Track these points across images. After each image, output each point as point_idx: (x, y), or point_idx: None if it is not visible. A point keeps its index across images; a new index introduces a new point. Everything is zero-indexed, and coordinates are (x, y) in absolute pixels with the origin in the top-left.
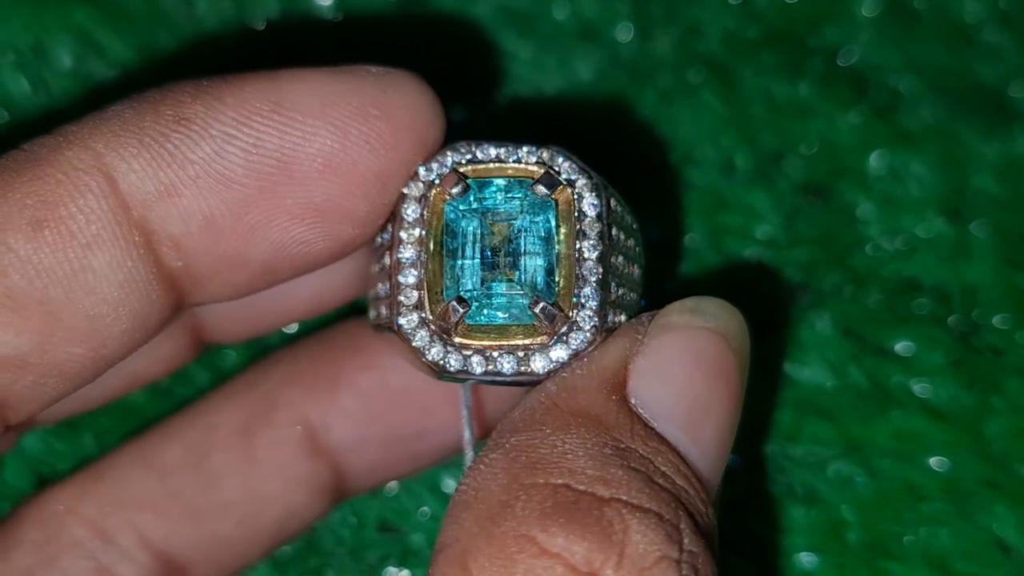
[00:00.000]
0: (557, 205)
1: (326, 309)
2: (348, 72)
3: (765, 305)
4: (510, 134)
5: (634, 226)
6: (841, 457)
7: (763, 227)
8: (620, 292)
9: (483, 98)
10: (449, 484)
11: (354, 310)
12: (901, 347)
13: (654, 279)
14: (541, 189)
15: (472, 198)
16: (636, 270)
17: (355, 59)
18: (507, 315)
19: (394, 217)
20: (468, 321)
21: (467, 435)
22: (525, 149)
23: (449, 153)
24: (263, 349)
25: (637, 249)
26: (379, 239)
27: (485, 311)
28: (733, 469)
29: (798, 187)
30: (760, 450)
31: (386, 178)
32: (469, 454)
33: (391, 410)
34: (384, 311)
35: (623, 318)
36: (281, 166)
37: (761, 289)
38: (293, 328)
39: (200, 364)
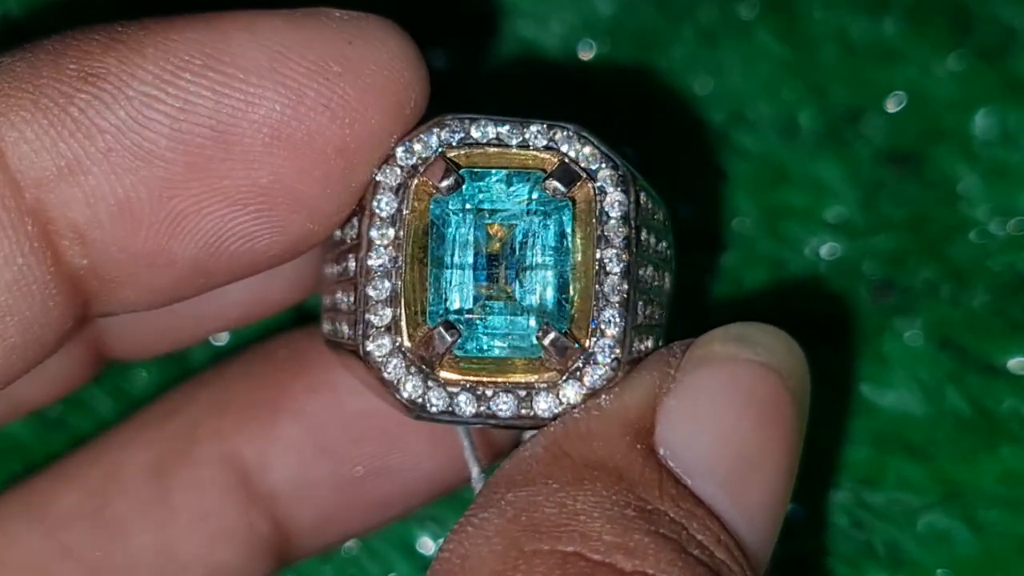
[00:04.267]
0: (574, 204)
1: (264, 315)
2: (304, 17)
3: (837, 309)
4: (507, 90)
5: (666, 222)
6: (936, 507)
7: (835, 207)
8: (648, 311)
9: (473, 39)
10: (426, 543)
11: (299, 316)
12: (1014, 363)
13: (689, 274)
14: (555, 186)
15: (465, 191)
16: (667, 279)
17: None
18: (506, 344)
19: (362, 210)
20: (456, 351)
21: (475, 471)
22: (534, 128)
23: (435, 131)
24: (183, 367)
25: (669, 252)
26: (339, 233)
27: (478, 337)
28: (792, 521)
29: (881, 154)
30: (828, 497)
31: (351, 155)
32: (478, 488)
33: (347, 442)
34: (346, 329)
35: (650, 343)
36: (217, 137)
37: (832, 288)
38: (223, 339)
39: (101, 387)
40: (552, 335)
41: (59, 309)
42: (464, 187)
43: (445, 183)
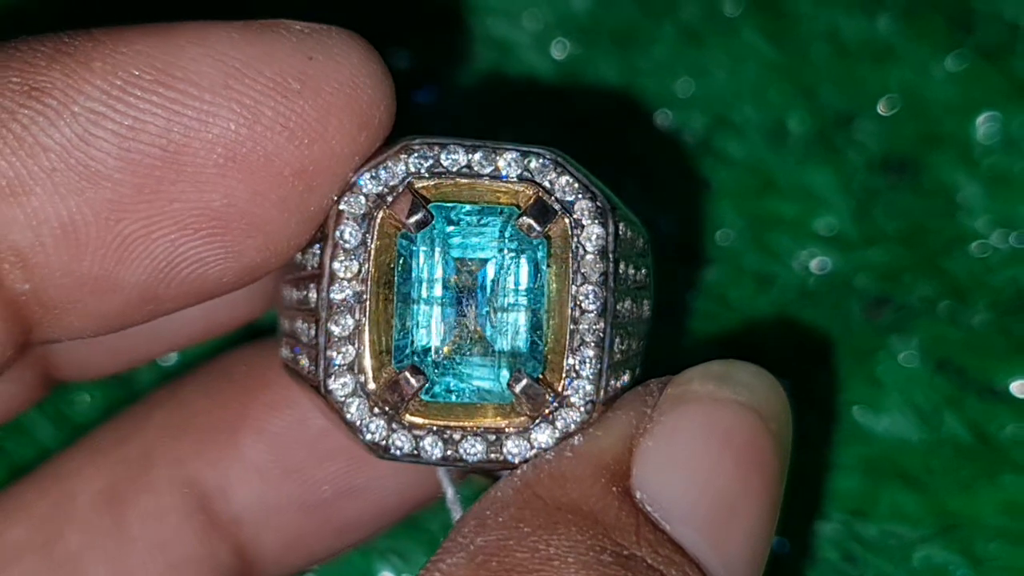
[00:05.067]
0: (549, 240)
1: (216, 334)
2: (262, 29)
3: (827, 327)
4: (475, 93)
5: (645, 246)
6: (933, 539)
7: (826, 217)
8: (624, 346)
9: (438, 38)
10: None
11: (253, 332)
12: (1017, 386)
13: (669, 291)
14: (530, 224)
15: (434, 225)
16: (646, 307)
17: (273, 8)
18: (475, 389)
19: (324, 238)
20: (423, 395)
21: (450, 492)
22: (508, 156)
23: (403, 157)
24: (129, 390)
25: (648, 278)
26: (299, 256)
27: (446, 380)
28: (778, 556)
29: (875, 161)
30: (817, 530)
31: (310, 177)
32: (457, 514)
33: (313, 462)
34: (307, 363)
35: (626, 378)
36: (167, 157)
37: (822, 304)
38: (170, 359)
39: (42, 411)
40: (524, 382)
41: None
42: (433, 222)
43: (413, 219)
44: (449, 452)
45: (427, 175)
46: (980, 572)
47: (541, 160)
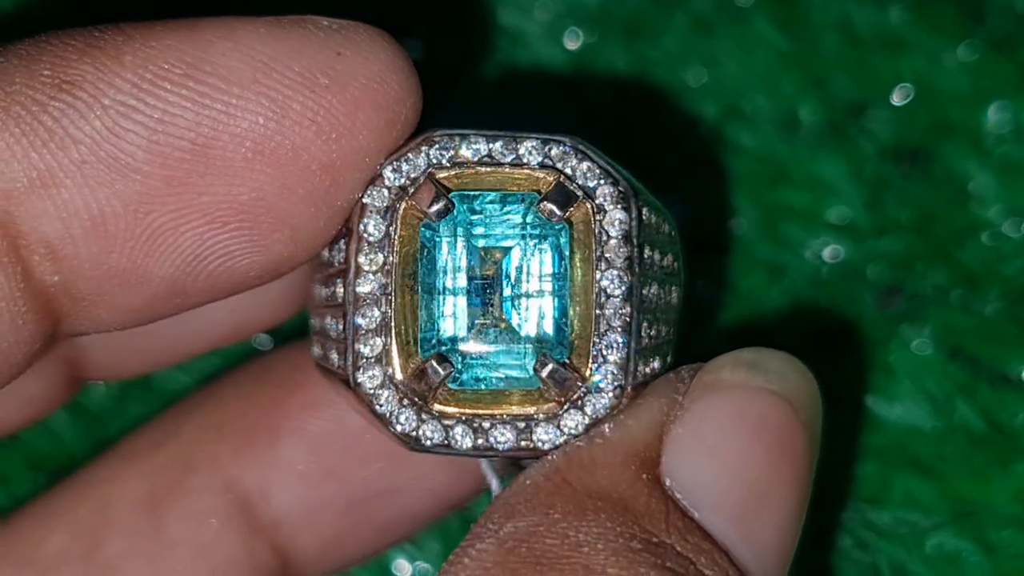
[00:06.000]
0: (571, 225)
1: (249, 334)
2: (291, 25)
3: (840, 316)
4: (488, 83)
5: (672, 233)
6: (946, 527)
7: (838, 207)
8: (653, 331)
9: (452, 28)
10: (402, 565)
11: (294, 331)
12: None
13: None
14: (551, 208)
15: (456, 215)
16: (675, 293)
17: (276, 6)
18: (503, 375)
19: (349, 233)
20: (451, 383)
21: (494, 484)
22: (528, 144)
23: (424, 149)
24: (145, 380)
25: (676, 264)
26: (327, 253)
27: (474, 368)
28: None
29: (886, 151)
30: (832, 516)
31: (337, 172)
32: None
33: (352, 462)
34: (336, 358)
35: (657, 364)
36: (196, 151)
37: (835, 293)
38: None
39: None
40: (550, 367)
41: (29, 328)
42: (455, 211)
43: (434, 208)
44: (480, 441)
45: (448, 165)
46: (993, 559)
47: (562, 147)
